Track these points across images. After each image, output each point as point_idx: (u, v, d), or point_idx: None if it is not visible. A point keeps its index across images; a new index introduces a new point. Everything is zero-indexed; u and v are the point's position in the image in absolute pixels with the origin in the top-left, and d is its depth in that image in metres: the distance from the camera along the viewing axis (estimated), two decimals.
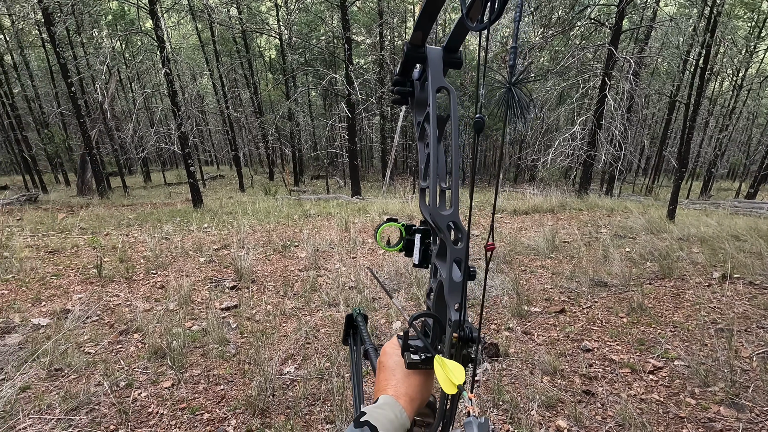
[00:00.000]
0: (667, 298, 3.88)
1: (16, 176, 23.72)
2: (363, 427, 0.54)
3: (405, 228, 0.72)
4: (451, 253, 0.59)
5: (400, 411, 0.59)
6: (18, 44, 18.51)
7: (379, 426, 0.54)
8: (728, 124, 19.41)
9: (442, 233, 0.60)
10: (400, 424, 0.57)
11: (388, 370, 0.65)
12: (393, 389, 0.62)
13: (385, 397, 0.61)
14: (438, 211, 0.60)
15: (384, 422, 0.55)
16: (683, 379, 2.58)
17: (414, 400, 0.63)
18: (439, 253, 0.65)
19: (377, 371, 0.68)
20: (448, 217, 0.59)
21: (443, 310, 0.61)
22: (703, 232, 6.11)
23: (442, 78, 0.62)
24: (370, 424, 0.54)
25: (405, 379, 0.64)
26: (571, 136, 12.16)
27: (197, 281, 4.64)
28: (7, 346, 3.08)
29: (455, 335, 0.56)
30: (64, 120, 20.29)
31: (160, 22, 9.44)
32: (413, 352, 0.64)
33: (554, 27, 14.26)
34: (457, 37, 0.61)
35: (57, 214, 9.41)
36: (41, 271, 4.96)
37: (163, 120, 18.67)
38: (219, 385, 2.65)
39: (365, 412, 0.57)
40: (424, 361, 0.63)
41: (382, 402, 0.59)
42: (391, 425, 0.56)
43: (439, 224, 0.59)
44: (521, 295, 3.93)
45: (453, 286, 0.58)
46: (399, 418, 0.58)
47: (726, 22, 11.96)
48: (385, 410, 0.57)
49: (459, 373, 0.52)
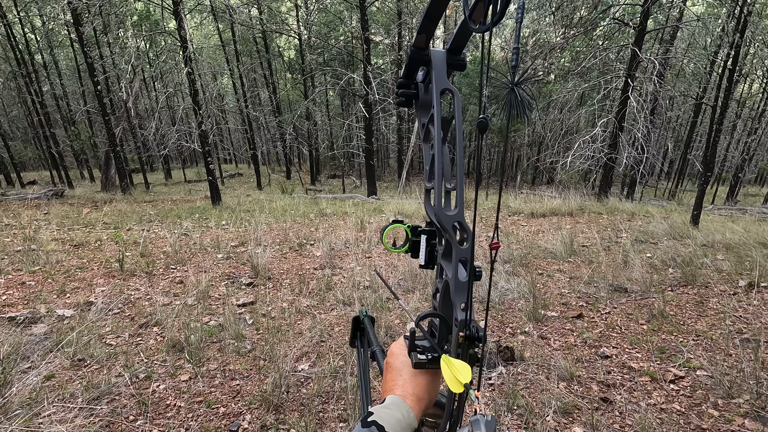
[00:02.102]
0: (689, 305, 3.77)
1: (43, 171, 24.55)
2: (370, 426, 0.54)
3: (411, 229, 0.72)
4: (456, 253, 0.59)
5: (408, 411, 0.59)
6: (48, 44, 19.15)
7: (387, 425, 0.55)
8: (757, 128, 18.75)
9: (448, 233, 0.60)
10: (407, 423, 0.57)
11: (395, 370, 0.66)
12: (400, 389, 0.63)
13: (393, 398, 0.61)
14: (443, 211, 0.60)
15: (391, 422, 0.56)
16: (706, 390, 2.51)
17: (421, 400, 0.63)
18: (444, 254, 0.66)
19: (384, 372, 0.69)
20: (453, 218, 0.60)
21: (449, 309, 0.62)
22: (729, 239, 5.92)
23: (446, 80, 0.63)
24: (378, 424, 0.54)
25: (412, 379, 0.64)
26: (592, 138, 11.93)
27: (215, 277, 4.72)
28: (33, 335, 3.19)
29: (461, 334, 0.56)
30: (90, 118, 20.89)
31: (183, 23, 9.64)
32: (420, 352, 0.65)
33: (576, 27, 14.02)
34: (460, 39, 0.62)
35: (82, 209, 9.70)
36: (66, 264, 5.12)
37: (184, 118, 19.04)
38: (234, 380, 2.68)
39: (372, 412, 0.57)
40: (431, 360, 0.64)
41: (390, 402, 0.60)
42: (398, 425, 0.56)
43: (444, 224, 0.60)
44: (538, 299, 3.87)
45: (459, 285, 0.59)
46: (406, 417, 0.58)
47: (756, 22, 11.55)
48: (392, 410, 0.58)
49: (465, 372, 0.52)
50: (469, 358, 0.57)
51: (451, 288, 0.60)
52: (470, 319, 0.57)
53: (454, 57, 0.64)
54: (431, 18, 0.60)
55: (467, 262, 0.59)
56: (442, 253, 0.66)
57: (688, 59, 15.26)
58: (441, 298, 0.67)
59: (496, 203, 10.90)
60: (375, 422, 0.55)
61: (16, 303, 3.91)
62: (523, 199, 11.44)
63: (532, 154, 21.76)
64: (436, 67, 0.63)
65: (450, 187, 0.64)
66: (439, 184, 0.61)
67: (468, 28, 0.55)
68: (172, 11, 9.81)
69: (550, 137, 17.26)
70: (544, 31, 16.79)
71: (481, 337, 0.57)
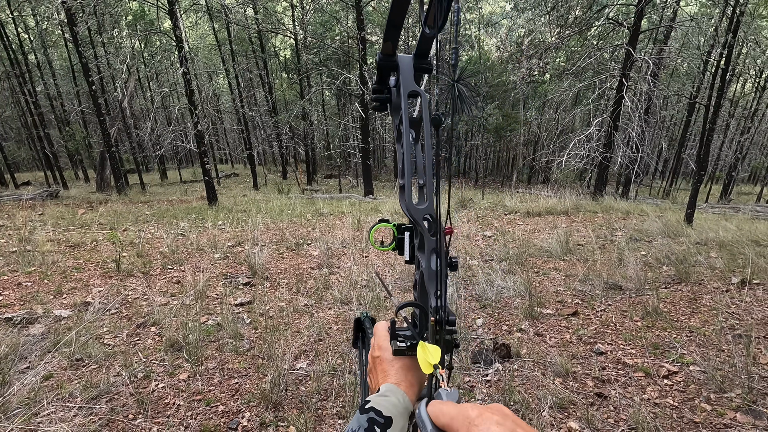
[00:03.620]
0: (683, 302, 3.82)
1: (37, 172, 24.37)
2: (369, 412, 0.57)
3: (396, 228, 0.75)
4: (428, 244, 0.62)
5: (403, 395, 0.62)
6: (41, 44, 19.02)
7: (384, 410, 0.57)
8: (750, 127, 18.92)
9: (420, 226, 0.63)
10: (404, 407, 0.60)
11: (386, 361, 0.69)
12: (393, 378, 0.66)
13: (387, 385, 0.64)
14: (414, 206, 0.63)
15: (388, 407, 0.59)
16: (699, 385, 2.55)
17: (414, 386, 0.67)
18: (419, 246, 0.68)
19: (374, 365, 0.71)
20: (424, 211, 0.63)
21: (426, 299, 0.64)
22: (722, 237, 5.99)
23: (413, 83, 0.65)
24: (375, 409, 0.57)
25: (404, 368, 0.67)
26: (587, 137, 12.00)
27: (212, 277, 4.72)
28: (30, 336, 3.19)
29: (432, 319, 0.59)
30: (84, 118, 20.77)
31: (179, 23, 9.61)
32: (401, 341, 0.68)
33: (571, 27, 14.10)
34: (424, 44, 0.65)
35: (77, 209, 9.65)
36: (62, 265, 5.10)
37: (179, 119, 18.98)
38: (233, 379, 2.70)
39: (369, 400, 0.60)
40: (410, 347, 0.67)
41: (385, 390, 0.63)
42: (395, 409, 0.59)
43: (416, 218, 0.63)
44: (534, 297, 3.91)
45: (431, 274, 0.61)
46: (402, 402, 0.61)
47: (749, 22, 11.66)
48: (388, 396, 0.61)
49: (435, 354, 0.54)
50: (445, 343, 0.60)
51: (425, 277, 0.62)
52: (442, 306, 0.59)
53: (420, 61, 0.67)
54: (394, 25, 0.63)
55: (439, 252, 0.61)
56: (418, 246, 0.69)
57: (681, 59, 15.38)
58: (419, 288, 0.70)
59: (492, 202, 10.95)
60: (373, 408, 0.57)
61: (12, 304, 3.90)
62: (519, 199, 11.50)
63: (528, 154, 21.85)
64: (404, 72, 0.66)
65: (421, 183, 0.67)
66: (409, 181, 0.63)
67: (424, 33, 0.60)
68: (167, 11, 9.78)
69: (545, 136, 17.35)
70: (539, 31, 16.85)
71: (452, 320, 0.59)
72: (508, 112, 20.00)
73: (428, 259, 0.62)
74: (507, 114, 19.68)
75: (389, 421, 0.57)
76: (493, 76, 19.42)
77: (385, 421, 0.57)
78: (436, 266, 0.61)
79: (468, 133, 23.07)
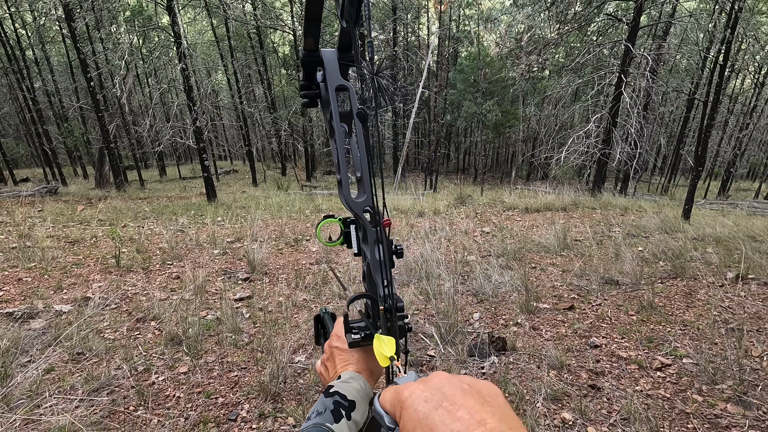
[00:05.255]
0: (678, 297, 3.86)
1: (36, 169, 24.35)
2: (334, 396, 0.60)
3: (342, 222, 0.75)
4: (371, 235, 0.64)
5: (364, 382, 0.65)
6: (39, 40, 18.95)
7: (348, 394, 0.60)
8: (748, 123, 18.95)
9: (361, 219, 0.64)
10: (365, 393, 0.63)
11: (346, 351, 0.70)
12: (354, 366, 0.68)
13: (349, 373, 0.66)
14: (353, 199, 0.64)
15: (352, 392, 0.61)
16: (691, 377, 2.59)
17: (374, 374, 0.70)
18: (363, 238, 0.69)
19: (332, 355, 0.72)
20: (363, 203, 0.64)
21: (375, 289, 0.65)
22: (719, 233, 6.02)
23: (339, 77, 0.66)
24: (340, 393, 0.60)
25: (363, 357, 0.70)
26: (586, 133, 12.03)
27: (211, 272, 4.75)
28: (31, 330, 3.22)
29: (381, 308, 0.61)
30: (83, 114, 20.73)
31: (177, 18, 9.59)
32: (355, 332, 0.68)
33: (570, 23, 14.08)
34: (344, 38, 0.67)
35: (76, 206, 9.66)
36: (62, 260, 5.13)
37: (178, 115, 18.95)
38: (233, 372, 2.73)
39: (333, 385, 0.63)
40: (365, 338, 0.67)
41: (347, 377, 0.65)
42: (358, 393, 0.62)
43: (356, 211, 0.64)
44: (530, 292, 3.94)
45: (376, 264, 0.62)
46: (364, 388, 0.64)
47: (748, 18, 11.66)
48: (351, 383, 0.63)
49: (390, 346, 0.55)
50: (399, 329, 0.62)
51: (371, 268, 0.64)
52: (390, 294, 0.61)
53: (344, 55, 0.68)
54: (311, 20, 0.64)
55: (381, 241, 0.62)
56: (362, 238, 0.70)
57: (680, 55, 15.37)
58: (367, 279, 0.70)
59: (491, 198, 10.98)
60: (337, 392, 0.60)
61: (13, 299, 3.93)
62: (517, 195, 11.53)
63: (527, 150, 21.87)
64: (329, 66, 0.66)
65: (359, 176, 0.68)
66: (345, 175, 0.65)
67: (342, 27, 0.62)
68: (165, 6, 9.76)
69: (544, 133, 17.35)
70: (538, 27, 16.83)
71: (400, 307, 0.61)
72: (507, 108, 20.00)
73: (372, 249, 0.63)
74: (506, 110, 19.67)
75: (353, 404, 0.60)
76: (492, 72, 19.40)
77: (349, 404, 0.59)
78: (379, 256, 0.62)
79: (467, 129, 23.07)
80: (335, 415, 0.58)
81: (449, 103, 20.07)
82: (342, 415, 0.58)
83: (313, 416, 0.58)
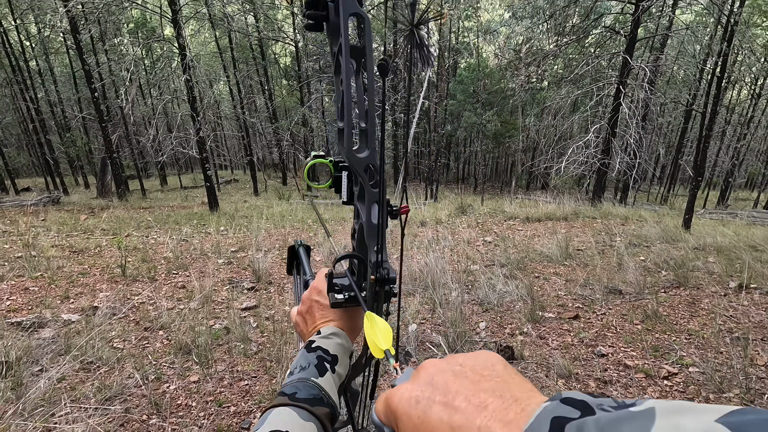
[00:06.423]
0: (682, 306, 3.89)
1: (37, 178, 24.40)
2: (317, 351, 0.61)
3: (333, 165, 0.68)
4: (369, 196, 0.58)
5: (346, 338, 0.66)
6: (43, 51, 19.15)
7: (330, 349, 0.61)
8: (746, 133, 19.13)
9: (360, 176, 0.58)
10: (347, 348, 0.65)
11: (327, 308, 0.69)
12: (335, 323, 0.68)
13: (330, 328, 0.66)
14: (354, 154, 0.57)
15: (334, 346, 0.62)
16: (698, 385, 2.61)
17: (353, 331, 0.70)
18: (359, 196, 0.63)
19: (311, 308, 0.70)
20: (366, 160, 0.58)
21: (365, 250, 0.61)
22: (720, 242, 6.07)
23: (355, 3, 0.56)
24: (323, 348, 0.61)
25: (344, 315, 0.69)
26: (585, 143, 12.14)
27: (217, 282, 4.77)
28: (41, 339, 3.24)
29: (372, 277, 0.57)
30: (85, 124, 20.85)
31: (182, 31, 9.73)
32: (338, 291, 0.65)
33: (569, 35, 14.30)
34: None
35: (79, 215, 9.69)
36: (68, 270, 5.15)
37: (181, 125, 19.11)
38: (243, 381, 2.75)
39: (314, 340, 0.63)
40: (348, 300, 0.65)
41: (328, 332, 0.65)
42: (341, 348, 0.63)
43: (355, 167, 0.58)
44: (535, 301, 3.97)
45: (371, 228, 0.58)
46: (345, 343, 0.65)
47: (743, 31, 11.86)
48: (332, 339, 0.64)
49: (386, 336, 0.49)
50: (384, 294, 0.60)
51: (365, 230, 0.59)
52: (382, 261, 0.57)
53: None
54: None
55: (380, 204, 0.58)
56: (357, 195, 0.65)
57: (678, 66, 15.59)
58: (357, 239, 0.67)
59: (491, 208, 11.04)
60: (320, 347, 0.61)
61: (20, 308, 3.94)
62: (518, 204, 11.59)
63: (527, 160, 22.01)
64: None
65: (364, 126, 0.60)
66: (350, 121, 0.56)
67: None
68: (170, 19, 9.91)
69: (544, 143, 17.50)
70: (537, 39, 17.07)
71: (392, 278, 0.58)
72: (506, 118, 20.18)
73: (368, 211, 0.59)
74: (505, 120, 19.84)
75: (336, 358, 0.61)
76: (492, 82, 19.61)
77: (332, 358, 0.61)
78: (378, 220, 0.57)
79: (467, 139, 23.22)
80: (319, 369, 0.58)
81: (449, 113, 20.25)
82: (326, 369, 0.59)
83: (296, 371, 0.58)
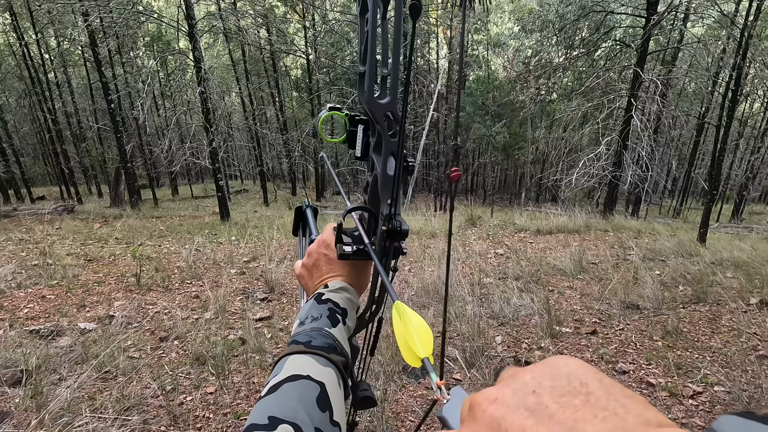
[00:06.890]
0: (702, 322, 3.81)
1: (52, 187, 24.84)
2: (327, 303, 0.61)
3: (349, 118, 0.66)
4: (386, 145, 0.56)
5: (354, 293, 0.66)
6: (62, 63, 19.67)
7: (340, 302, 0.62)
8: (760, 146, 18.91)
9: (379, 124, 0.56)
10: (354, 303, 0.65)
11: (334, 260, 0.68)
12: (342, 277, 0.67)
13: (338, 282, 0.66)
14: (375, 99, 0.55)
15: (343, 300, 0.63)
16: (725, 405, 2.54)
17: (360, 286, 0.70)
18: (376, 146, 0.61)
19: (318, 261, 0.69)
20: (386, 107, 0.56)
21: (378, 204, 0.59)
22: (737, 257, 5.96)
23: None
24: (333, 300, 0.61)
25: (351, 270, 0.69)
26: (596, 156, 12.08)
27: (230, 292, 4.78)
28: (59, 348, 3.26)
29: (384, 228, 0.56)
30: (100, 134, 21.26)
31: (198, 44, 9.94)
32: (346, 244, 0.64)
33: (578, 48, 14.34)
34: None
35: (93, 224, 9.82)
36: (83, 278, 5.20)
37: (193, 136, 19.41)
38: (260, 392, 2.73)
39: (323, 293, 0.63)
40: (356, 252, 0.63)
41: (337, 287, 0.65)
42: (349, 302, 0.63)
43: (375, 115, 0.56)
44: (552, 315, 3.92)
45: (386, 179, 0.56)
46: (353, 298, 0.65)
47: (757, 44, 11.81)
48: (340, 293, 0.64)
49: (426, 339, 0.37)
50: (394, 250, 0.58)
51: (379, 181, 0.57)
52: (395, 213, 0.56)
53: None
54: None
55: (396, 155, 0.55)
56: (374, 146, 0.62)
57: (689, 79, 15.53)
58: (370, 191, 0.65)
59: (502, 220, 10.98)
60: (330, 299, 0.61)
61: (37, 316, 3.98)
62: (528, 216, 11.52)
63: (536, 172, 21.93)
64: None
65: (386, 73, 0.58)
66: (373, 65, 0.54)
67: None
68: (187, 33, 10.13)
69: (554, 155, 17.44)
70: (546, 52, 17.14)
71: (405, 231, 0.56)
72: (516, 130, 20.19)
73: (385, 162, 0.56)
74: (515, 132, 19.86)
75: (345, 311, 0.61)
76: (501, 95, 19.68)
77: (342, 311, 0.61)
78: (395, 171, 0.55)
79: (476, 151, 23.23)
80: (332, 320, 0.58)
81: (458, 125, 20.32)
82: (339, 320, 0.59)
83: (307, 321, 0.57)
